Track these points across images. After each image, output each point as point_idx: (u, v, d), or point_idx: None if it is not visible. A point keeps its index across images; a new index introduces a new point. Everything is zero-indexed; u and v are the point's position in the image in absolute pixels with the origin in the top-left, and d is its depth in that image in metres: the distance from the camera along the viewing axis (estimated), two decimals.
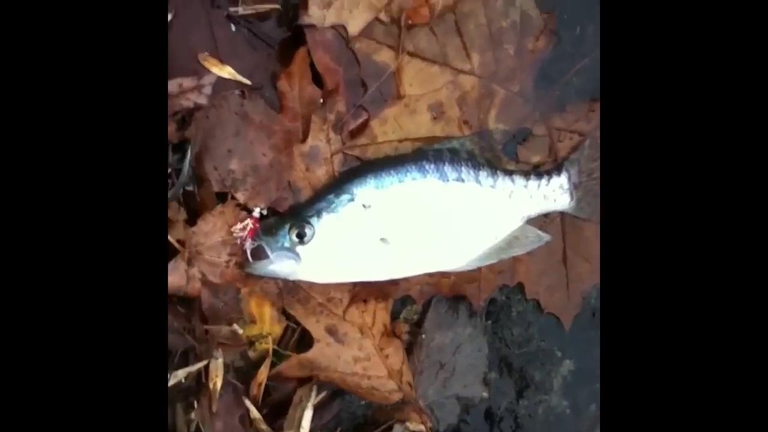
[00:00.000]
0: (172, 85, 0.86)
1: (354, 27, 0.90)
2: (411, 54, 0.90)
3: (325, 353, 0.85)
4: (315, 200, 0.84)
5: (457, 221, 0.85)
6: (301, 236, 0.81)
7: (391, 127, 0.90)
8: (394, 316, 0.89)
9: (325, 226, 0.82)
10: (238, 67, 0.87)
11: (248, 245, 0.82)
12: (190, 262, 0.83)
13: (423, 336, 0.90)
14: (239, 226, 0.83)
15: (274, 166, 0.86)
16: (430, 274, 0.86)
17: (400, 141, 0.89)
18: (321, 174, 0.88)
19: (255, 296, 0.84)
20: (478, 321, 0.92)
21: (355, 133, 0.89)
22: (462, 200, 0.85)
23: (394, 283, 0.86)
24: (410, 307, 0.91)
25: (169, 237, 0.81)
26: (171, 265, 0.81)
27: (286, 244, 0.81)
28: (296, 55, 0.88)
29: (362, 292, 0.87)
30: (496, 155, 0.90)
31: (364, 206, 0.83)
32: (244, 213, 0.84)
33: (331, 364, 0.85)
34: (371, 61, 0.90)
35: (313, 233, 0.82)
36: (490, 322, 0.93)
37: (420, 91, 0.90)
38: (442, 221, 0.84)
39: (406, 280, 0.86)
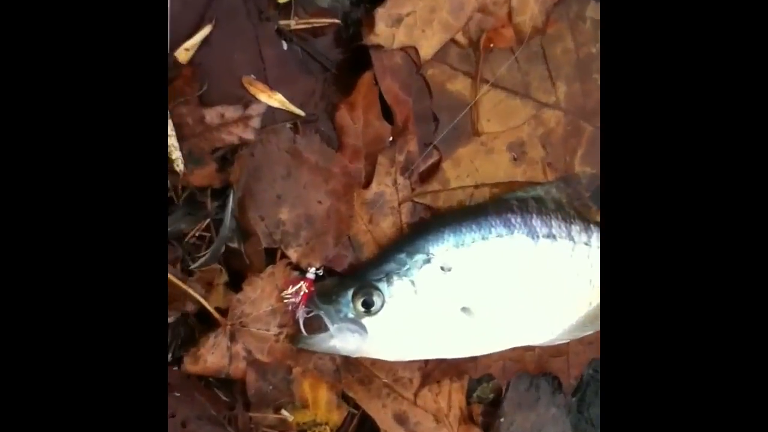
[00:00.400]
0: (212, 115, 0.73)
1: (427, 49, 0.79)
2: (490, 84, 0.80)
3: None
4: (383, 260, 0.73)
5: (549, 285, 0.75)
6: (368, 305, 0.71)
7: (465, 170, 0.79)
8: (467, 395, 0.80)
9: (396, 292, 0.71)
10: (289, 93, 0.75)
11: (301, 314, 0.71)
12: (233, 337, 0.72)
13: (501, 420, 0.80)
14: (291, 290, 0.72)
15: (332, 217, 0.75)
16: (513, 348, 0.75)
17: (476, 186, 0.79)
18: (386, 226, 0.78)
19: (309, 376, 0.74)
20: (562, 399, 0.82)
21: (424, 177, 0.79)
22: (554, 261, 0.75)
23: (472, 359, 0.76)
24: (486, 385, 0.82)
25: (207, 305, 0.71)
26: (211, 340, 0.71)
27: (350, 315, 0.70)
28: (360, 81, 0.77)
29: (436, 371, 0.77)
30: (585, 204, 0.79)
31: (442, 269, 0.72)
32: (295, 274, 0.73)
33: None
34: (444, 91, 0.80)
35: (383, 302, 0.71)
36: (575, 399, 0.83)
37: (498, 128, 0.80)
38: (532, 286, 0.74)
39: (486, 355, 0.76)
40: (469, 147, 0.79)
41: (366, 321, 0.71)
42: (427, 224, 0.76)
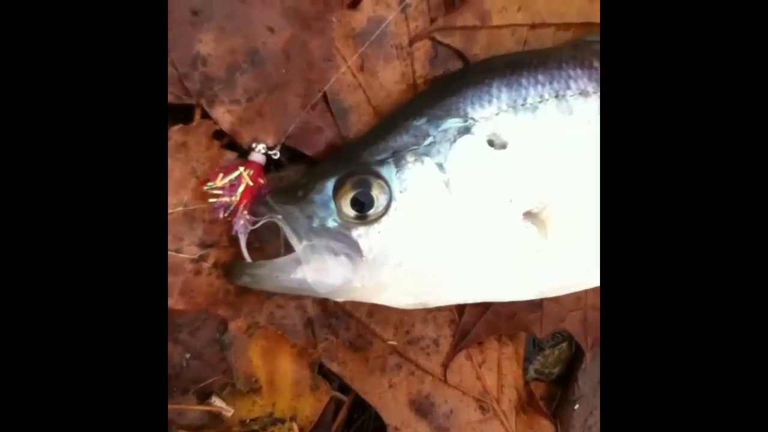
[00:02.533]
0: None
1: None
2: None
3: None
4: (388, 131, 0.57)
5: None
6: (362, 205, 0.54)
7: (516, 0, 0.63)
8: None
9: (413, 183, 0.55)
10: None
11: (242, 225, 0.55)
12: None
13: (576, 407, 0.68)
14: (222, 180, 0.55)
15: (294, 58, 0.58)
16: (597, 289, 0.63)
17: (533, 26, 0.63)
18: (390, 79, 0.61)
19: (260, 337, 0.60)
20: None
21: (449, 1, 0.63)
22: None
23: (535, 306, 0.63)
24: (549, 351, 0.68)
25: None
26: None
27: (331, 222, 0.54)
28: None
29: (478, 326, 0.63)
30: None
31: (491, 143, 0.55)
32: (229, 154, 0.58)
33: None
34: None
35: (389, 199, 0.54)
36: None
37: None
38: None
39: (556, 301, 0.63)
40: None
41: (359, 233, 0.54)
42: (462, 74, 0.61)
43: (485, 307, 0.61)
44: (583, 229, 0.57)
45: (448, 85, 0.59)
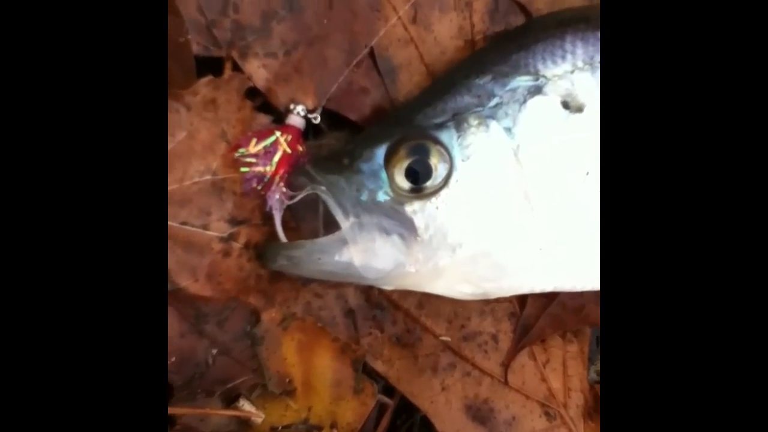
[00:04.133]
0: None
1: None
2: None
3: None
4: (446, 91, 0.53)
5: None
6: (417, 176, 0.50)
7: None
8: None
9: (476, 151, 0.51)
10: None
11: (277, 199, 0.50)
12: None
13: None
14: (255, 145, 0.51)
15: (337, 6, 0.55)
16: None
17: None
18: (445, 32, 0.57)
19: (295, 330, 0.55)
20: None
21: None
22: None
23: None
24: None
25: None
26: None
27: (381, 197, 0.50)
28: None
29: (543, 321, 0.58)
30: None
31: (565, 106, 0.52)
32: (263, 117, 0.53)
33: None
34: None
35: (449, 169, 0.50)
36: None
37: None
38: None
39: None
40: None
41: (414, 209, 0.51)
42: (528, 28, 0.57)
43: (550, 298, 0.57)
44: None
45: (513, 39, 0.54)
